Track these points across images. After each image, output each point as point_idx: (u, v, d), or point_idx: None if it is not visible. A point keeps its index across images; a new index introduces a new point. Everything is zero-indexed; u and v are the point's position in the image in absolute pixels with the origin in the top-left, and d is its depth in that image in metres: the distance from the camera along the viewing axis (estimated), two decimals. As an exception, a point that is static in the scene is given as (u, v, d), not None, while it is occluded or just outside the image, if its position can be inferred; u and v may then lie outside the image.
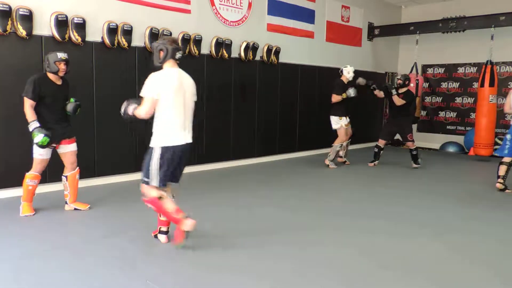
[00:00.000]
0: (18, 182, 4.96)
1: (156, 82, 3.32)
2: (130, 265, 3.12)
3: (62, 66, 4.13)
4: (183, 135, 3.41)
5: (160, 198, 3.39)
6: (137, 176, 5.98)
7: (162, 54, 3.44)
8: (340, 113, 7.14)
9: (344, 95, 7.01)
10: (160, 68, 3.46)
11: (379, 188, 5.84)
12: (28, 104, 4.04)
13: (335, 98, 7.05)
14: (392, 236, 3.88)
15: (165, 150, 3.34)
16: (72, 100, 4.38)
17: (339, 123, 7.19)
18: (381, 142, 7.54)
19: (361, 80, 7.48)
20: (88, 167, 5.54)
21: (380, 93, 7.52)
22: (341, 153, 7.57)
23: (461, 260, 3.40)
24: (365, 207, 4.86)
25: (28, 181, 4.26)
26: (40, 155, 4.20)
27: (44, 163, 4.28)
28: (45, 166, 4.32)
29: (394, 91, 7.11)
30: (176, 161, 3.42)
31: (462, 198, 5.36)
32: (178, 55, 3.50)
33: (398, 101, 7.10)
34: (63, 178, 4.48)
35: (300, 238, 3.78)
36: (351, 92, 7.02)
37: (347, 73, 7.16)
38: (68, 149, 4.40)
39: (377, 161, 7.62)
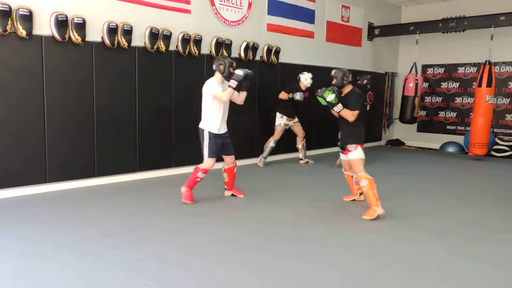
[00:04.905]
0: (17, 182, 4.99)
1: None
2: (130, 265, 3.12)
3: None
4: None
5: None
6: (137, 175, 6.03)
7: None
8: (283, 111, 7.28)
9: (290, 95, 7.13)
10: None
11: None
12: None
13: (283, 95, 7.19)
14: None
15: None
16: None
17: (279, 120, 7.31)
18: None
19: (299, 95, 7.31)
20: (88, 167, 5.54)
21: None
22: (300, 155, 7.73)
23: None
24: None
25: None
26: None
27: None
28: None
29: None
30: None
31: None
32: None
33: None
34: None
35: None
36: (297, 95, 7.11)
37: (304, 80, 7.26)
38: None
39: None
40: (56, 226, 3.96)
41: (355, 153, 4.46)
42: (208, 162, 4.73)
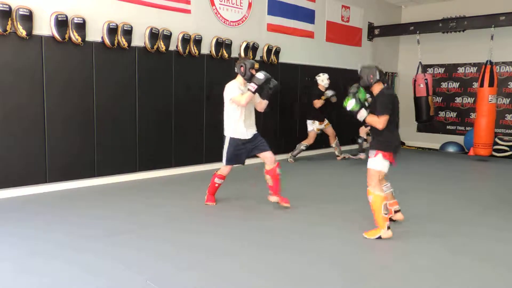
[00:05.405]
0: (18, 182, 4.99)
1: None
2: (130, 265, 3.12)
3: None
4: None
5: None
6: (137, 175, 6.03)
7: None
8: (312, 117, 7.68)
9: (323, 97, 7.51)
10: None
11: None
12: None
13: (318, 103, 7.54)
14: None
15: None
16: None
17: (311, 126, 7.72)
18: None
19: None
20: (88, 167, 5.54)
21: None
22: (336, 152, 8.12)
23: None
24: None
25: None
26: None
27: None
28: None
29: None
30: None
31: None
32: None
33: None
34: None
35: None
36: (329, 93, 7.52)
37: (321, 81, 7.65)
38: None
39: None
40: (57, 225, 3.96)
41: (373, 162, 3.82)
42: (223, 168, 4.66)
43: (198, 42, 6.41)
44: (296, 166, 7.46)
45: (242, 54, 7.11)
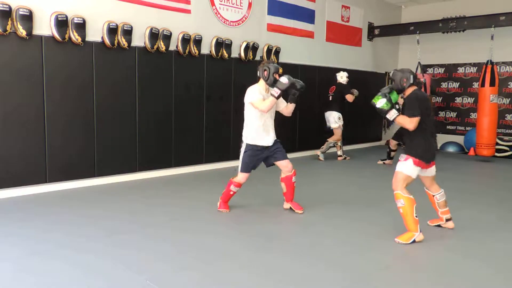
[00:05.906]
0: (18, 182, 4.99)
1: None
2: (130, 265, 3.12)
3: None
4: None
5: None
6: (137, 175, 6.02)
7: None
8: (340, 110, 7.81)
9: (355, 95, 7.81)
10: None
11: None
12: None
13: (350, 97, 7.78)
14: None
15: None
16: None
17: (338, 123, 7.77)
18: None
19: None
20: (88, 167, 5.54)
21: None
22: (339, 152, 8.14)
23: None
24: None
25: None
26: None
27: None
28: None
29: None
30: None
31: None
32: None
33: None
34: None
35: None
36: (355, 92, 7.85)
37: (340, 78, 7.94)
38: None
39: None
40: (57, 225, 3.96)
41: (401, 166, 3.74)
42: (240, 176, 4.43)
43: (198, 42, 6.41)
44: (296, 166, 7.44)
45: (242, 54, 7.09)
